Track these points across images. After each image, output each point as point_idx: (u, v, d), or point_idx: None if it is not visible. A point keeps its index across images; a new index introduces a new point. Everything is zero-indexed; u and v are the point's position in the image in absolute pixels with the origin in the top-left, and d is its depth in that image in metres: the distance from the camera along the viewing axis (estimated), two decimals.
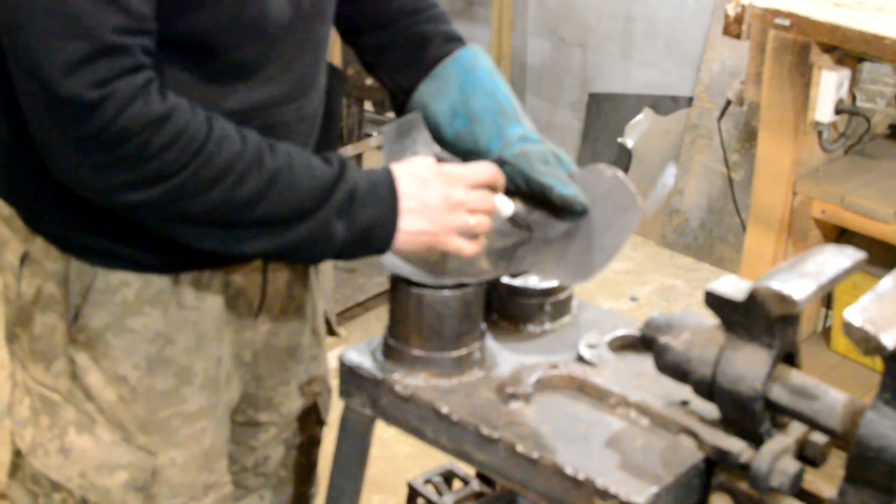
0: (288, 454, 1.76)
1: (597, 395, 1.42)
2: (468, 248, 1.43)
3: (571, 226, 1.50)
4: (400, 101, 1.61)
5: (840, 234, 2.75)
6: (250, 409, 1.69)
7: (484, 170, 1.45)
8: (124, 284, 1.45)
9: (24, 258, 1.48)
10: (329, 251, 1.40)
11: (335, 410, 1.62)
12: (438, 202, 1.41)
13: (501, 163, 1.51)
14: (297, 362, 1.70)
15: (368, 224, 1.39)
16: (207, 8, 1.31)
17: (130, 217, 1.35)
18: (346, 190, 1.37)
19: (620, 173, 1.50)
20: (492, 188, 1.46)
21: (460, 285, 1.44)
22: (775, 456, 1.24)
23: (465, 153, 1.55)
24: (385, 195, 1.39)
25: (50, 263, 1.46)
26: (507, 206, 1.48)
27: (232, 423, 1.66)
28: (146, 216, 1.34)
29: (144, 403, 1.50)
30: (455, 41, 1.59)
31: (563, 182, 1.48)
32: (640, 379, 1.44)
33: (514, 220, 1.50)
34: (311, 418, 1.76)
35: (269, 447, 1.74)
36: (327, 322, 1.81)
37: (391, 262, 1.46)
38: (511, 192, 1.52)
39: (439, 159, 1.49)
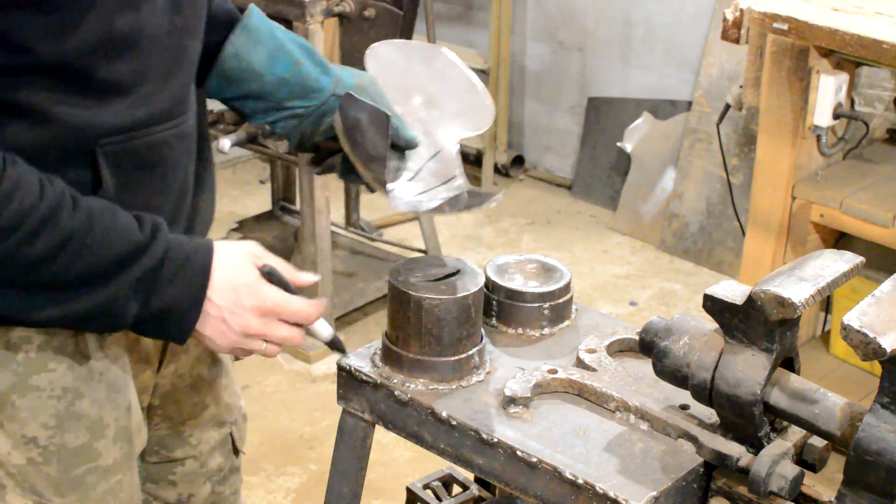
0: (213, 492, 1.72)
1: (596, 400, 1.42)
2: (270, 352, 1.42)
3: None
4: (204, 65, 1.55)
5: (839, 238, 2.75)
6: (163, 450, 1.66)
7: (306, 308, 1.41)
8: (25, 341, 1.39)
9: None
10: (121, 327, 1.34)
11: (334, 415, 1.62)
12: (237, 326, 1.38)
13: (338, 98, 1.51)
14: (205, 395, 1.66)
15: (169, 304, 1.33)
16: (75, 28, 1.26)
17: None
18: (148, 264, 1.31)
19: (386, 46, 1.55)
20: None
21: (460, 291, 1.44)
22: (774, 460, 1.24)
23: (296, 96, 1.53)
24: (194, 278, 1.35)
25: None
26: (326, 330, 1.46)
27: (146, 463, 1.63)
28: None
29: (57, 463, 1.43)
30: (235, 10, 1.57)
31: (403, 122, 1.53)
32: (639, 383, 1.44)
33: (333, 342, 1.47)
34: (226, 448, 1.72)
35: (190, 483, 1.69)
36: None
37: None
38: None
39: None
